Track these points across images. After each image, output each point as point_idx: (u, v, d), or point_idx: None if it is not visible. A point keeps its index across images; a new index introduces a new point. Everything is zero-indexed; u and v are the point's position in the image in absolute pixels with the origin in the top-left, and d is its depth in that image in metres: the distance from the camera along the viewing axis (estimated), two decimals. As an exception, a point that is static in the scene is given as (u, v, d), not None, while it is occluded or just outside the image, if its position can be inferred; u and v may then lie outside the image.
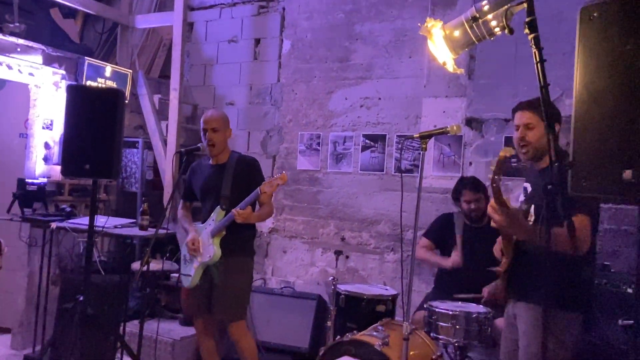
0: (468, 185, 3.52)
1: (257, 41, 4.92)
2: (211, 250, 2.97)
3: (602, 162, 1.48)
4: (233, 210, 2.89)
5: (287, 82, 4.75)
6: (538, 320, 2.11)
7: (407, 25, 4.22)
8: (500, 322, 3.28)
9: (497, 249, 2.41)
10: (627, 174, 1.42)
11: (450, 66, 1.71)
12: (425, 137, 2.27)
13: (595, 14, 1.49)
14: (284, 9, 4.78)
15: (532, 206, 2.24)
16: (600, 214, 2.19)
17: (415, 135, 2.29)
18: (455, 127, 2.24)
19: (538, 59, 1.54)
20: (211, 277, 2.99)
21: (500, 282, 2.36)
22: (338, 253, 3.42)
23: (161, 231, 3.06)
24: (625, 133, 1.45)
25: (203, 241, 3.00)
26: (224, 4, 5.07)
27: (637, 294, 1.40)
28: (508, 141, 3.81)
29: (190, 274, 3.02)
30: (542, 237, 1.66)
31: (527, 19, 1.55)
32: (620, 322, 2.24)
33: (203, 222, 3.08)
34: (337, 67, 4.52)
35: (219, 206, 3.00)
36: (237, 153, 3.17)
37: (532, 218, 2.22)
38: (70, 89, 3.19)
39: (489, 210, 2.07)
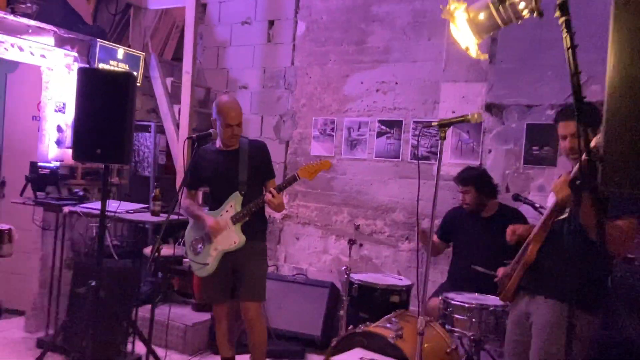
0: (458, 178, 3.47)
1: (271, 23, 4.82)
2: (235, 237, 2.93)
3: (635, 155, 1.38)
4: (267, 194, 2.87)
5: (302, 65, 4.65)
6: (560, 318, 2.03)
7: (426, 6, 4.08)
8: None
9: (511, 230, 2.34)
10: (662, 167, 1.32)
11: (474, 51, 1.61)
12: (444, 126, 2.16)
13: (631, -2, 1.38)
14: (298, -11, 4.66)
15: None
16: None
17: (434, 123, 2.19)
18: (476, 115, 2.14)
19: (569, 45, 1.42)
20: (230, 263, 2.96)
21: (515, 275, 2.26)
22: (352, 242, 3.35)
23: (173, 217, 3.03)
24: (661, 124, 1.35)
25: (222, 228, 2.95)
26: (237, -16, 4.96)
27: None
28: (530, 128, 3.69)
29: (206, 262, 2.97)
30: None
31: (558, 1, 1.43)
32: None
33: (215, 209, 3.02)
34: (353, 50, 4.40)
35: (237, 192, 2.95)
36: (246, 137, 3.11)
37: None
38: (81, 72, 3.13)
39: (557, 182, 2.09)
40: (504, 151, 3.80)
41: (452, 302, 2.94)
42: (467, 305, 2.88)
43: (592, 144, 1.79)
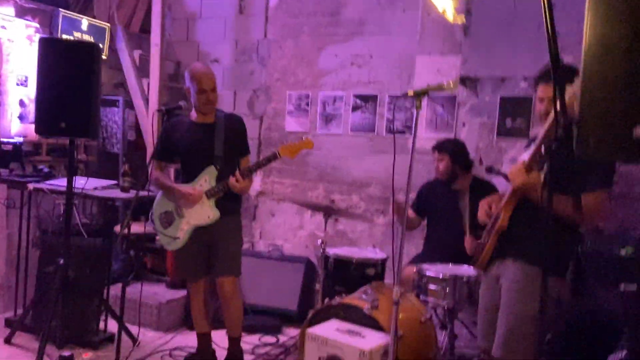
0: (435, 145, 3.49)
1: (243, -7, 4.69)
2: (209, 211, 2.87)
3: (611, 119, 1.38)
4: (231, 178, 2.81)
5: (275, 38, 4.55)
6: (527, 279, 2.06)
7: (401, -22, 4.02)
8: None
9: (484, 209, 2.34)
10: (638, 131, 1.32)
11: (451, 14, 1.58)
12: (419, 95, 2.13)
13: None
14: (271, -42, 4.54)
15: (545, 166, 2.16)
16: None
17: (409, 92, 2.15)
18: (451, 83, 2.11)
19: (547, 5, 1.40)
20: (204, 238, 2.91)
21: (488, 245, 2.28)
22: (327, 215, 3.33)
23: (144, 193, 2.95)
24: (637, 87, 1.34)
25: (198, 197, 2.88)
26: (207, -47, 4.79)
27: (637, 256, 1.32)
28: (503, 102, 3.70)
29: (176, 235, 2.91)
30: (544, 201, 1.57)
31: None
32: (622, 287, 2.19)
33: (187, 182, 2.95)
34: (326, 22, 4.32)
35: (212, 166, 2.88)
36: (222, 111, 3.03)
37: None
38: (42, 42, 3.00)
39: (514, 169, 2.10)
40: (477, 124, 3.81)
41: (427, 273, 2.96)
42: (441, 275, 2.91)
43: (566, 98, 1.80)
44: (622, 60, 1.36)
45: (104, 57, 4.34)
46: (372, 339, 2.48)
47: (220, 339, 3.18)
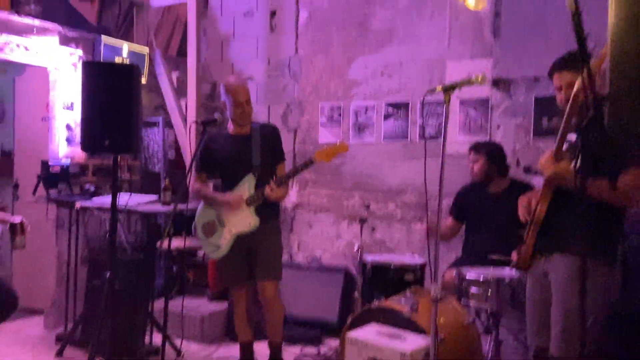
0: (472, 145, 3.46)
1: (273, 13, 4.81)
2: (250, 218, 2.94)
3: (641, 95, 1.36)
4: (267, 188, 2.87)
5: (306, 53, 4.64)
6: (575, 272, 2.00)
7: (427, -15, 4.04)
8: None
9: (523, 206, 2.29)
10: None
11: (472, 1, 1.58)
12: (448, 89, 2.13)
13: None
14: (298, -23, 4.65)
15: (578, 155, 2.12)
16: None
17: (438, 87, 2.15)
18: (480, 77, 2.09)
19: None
20: (244, 244, 2.96)
21: (529, 240, 2.23)
22: (362, 221, 3.33)
23: (184, 206, 3.04)
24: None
25: (235, 211, 2.95)
26: (237, -24, 4.96)
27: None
28: (538, 102, 3.64)
29: (219, 244, 2.98)
30: (579, 186, 1.54)
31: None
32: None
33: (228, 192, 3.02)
34: (355, 33, 4.38)
35: (250, 174, 2.95)
36: (257, 122, 3.12)
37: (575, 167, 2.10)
38: (85, 66, 3.18)
39: (542, 160, 2.08)
40: (513, 126, 3.75)
41: (467, 276, 2.90)
42: (482, 278, 2.85)
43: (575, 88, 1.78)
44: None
45: (143, 81, 4.54)
46: (413, 341, 2.45)
47: (262, 351, 3.20)
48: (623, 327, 2.44)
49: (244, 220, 2.94)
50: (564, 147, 2.24)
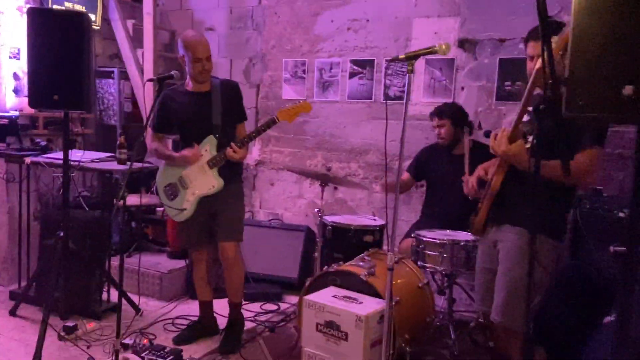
0: (434, 111, 3.47)
1: (236, -42, 4.57)
2: (213, 180, 2.88)
3: (600, 78, 1.34)
4: (228, 150, 2.81)
5: (270, 4, 4.46)
6: (523, 244, 2.05)
7: (397, -62, 3.89)
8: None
9: (479, 172, 2.32)
10: (628, 89, 1.28)
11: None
12: (411, 58, 2.09)
13: None
14: None
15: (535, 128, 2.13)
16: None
17: (400, 56, 2.10)
18: (444, 46, 2.06)
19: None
20: (207, 206, 2.92)
21: (482, 209, 2.27)
22: (324, 184, 3.32)
23: (140, 164, 2.94)
24: (626, 45, 1.30)
25: (196, 172, 2.89)
26: None
27: (631, 219, 1.31)
28: (502, 63, 3.63)
29: (183, 207, 2.92)
30: (532, 167, 1.55)
31: None
32: (611, 248, 2.18)
33: None
34: (322, -14, 4.22)
35: (211, 135, 2.87)
36: (217, 78, 2.99)
37: (533, 141, 2.12)
38: (31, 13, 2.94)
39: (491, 139, 2.06)
40: (476, 88, 3.75)
41: (424, 238, 2.97)
42: (438, 241, 2.92)
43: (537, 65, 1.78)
44: (611, 19, 1.32)
45: (96, 27, 4.28)
46: (369, 305, 2.50)
47: (221, 308, 3.23)
48: (571, 292, 2.55)
49: (207, 183, 2.88)
50: (525, 118, 2.26)
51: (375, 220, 3.53)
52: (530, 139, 2.11)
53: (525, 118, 2.27)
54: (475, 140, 3.45)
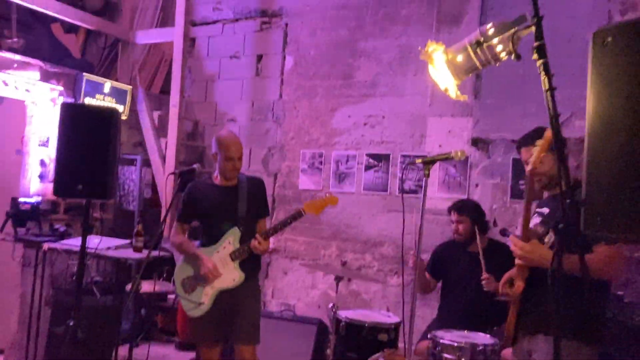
0: (454, 206, 3.44)
1: (259, 57, 4.85)
2: (234, 274, 2.85)
3: (617, 197, 1.36)
4: (253, 241, 2.81)
5: (290, 99, 4.66)
6: (564, 354, 1.97)
7: (412, 42, 4.12)
8: (507, 353, 3.14)
9: (504, 281, 2.28)
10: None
11: (453, 92, 1.60)
12: (428, 163, 2.15)
13: (609, 39, 1.37)
14: (286, 25, 4.71)
15: (550, 230, 2.12)
16: None
17: (417, 161, 2.17)
18: (459, 153, 2.13)
19: (547, 87, 1.41)
20: (225, 302, 2.86)
21: (509, 318, 2.21)
22: (338, 279, 3.28)
23: (156, 253, 2.95)
24: (642, 165, 1.33)
25: (217, 265, 2.87)
26: (226, 19, 5.00)
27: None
28: (516, 163, 3.68)
29: (201, 301, 2.86)
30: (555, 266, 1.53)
31: (535, 44, 1.43)
32: None
33: (208, 244, 2.94)
34: (340, 84, 4.42)
35: (235, 227, 2.89)
36: (243, 174, 3.07)
37: (549, 241, 2.10)
38: (64, 107, 3.10)
39: (512, 246, 2.07)
40: (490, 185, 3.79)
41: (441, 341, 2.86)
42: (456, 344, 2.81)
43: (531, 163, 1.87)
44: (625, 138, 1.35)
45: (124, 117, 4.49)
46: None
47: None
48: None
49: (228, 276, 2.85)
50: (537, 220, 2.27)
51: (390, 316, 3.44)
52: (546, 240, 2.11)
53: (537, 219, 2.28)
54: (491, 239, 3.43)
